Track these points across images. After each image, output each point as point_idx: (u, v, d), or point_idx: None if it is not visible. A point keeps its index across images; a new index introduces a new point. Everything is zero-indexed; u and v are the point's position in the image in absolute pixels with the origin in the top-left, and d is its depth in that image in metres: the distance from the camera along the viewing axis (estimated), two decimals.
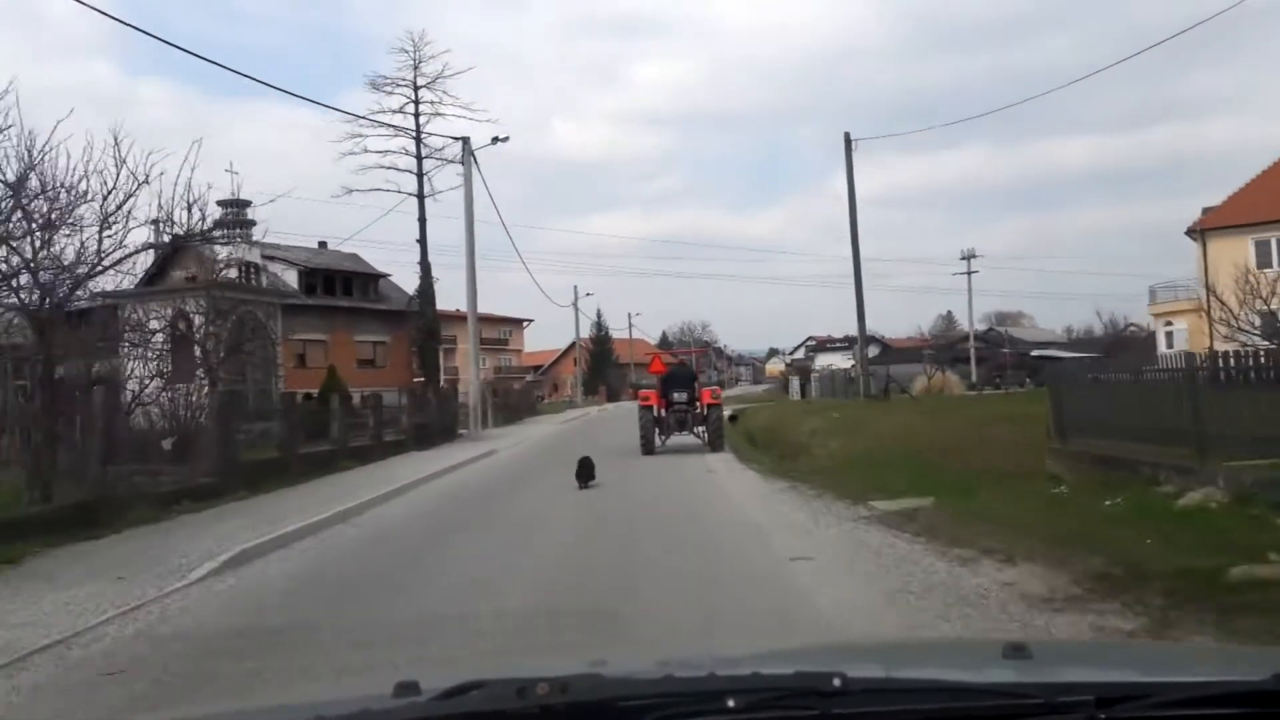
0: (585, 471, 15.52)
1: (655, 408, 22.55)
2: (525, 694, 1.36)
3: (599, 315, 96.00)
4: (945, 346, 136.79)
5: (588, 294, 67.17)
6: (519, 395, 42.99)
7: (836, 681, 1.39)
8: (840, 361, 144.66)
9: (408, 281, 47.43)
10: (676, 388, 22.80)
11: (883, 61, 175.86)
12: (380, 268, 48.15)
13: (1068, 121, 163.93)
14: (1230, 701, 1.44)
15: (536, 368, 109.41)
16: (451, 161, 44.88)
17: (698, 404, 22.89)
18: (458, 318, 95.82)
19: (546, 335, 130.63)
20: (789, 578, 7.70)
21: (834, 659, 2.04)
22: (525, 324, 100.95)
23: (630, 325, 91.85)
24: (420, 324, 45.59)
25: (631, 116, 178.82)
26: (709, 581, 7.62)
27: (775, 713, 1.40)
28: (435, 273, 46.03)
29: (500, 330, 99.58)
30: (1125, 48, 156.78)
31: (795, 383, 49.49)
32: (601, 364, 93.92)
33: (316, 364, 42.82)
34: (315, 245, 48.17)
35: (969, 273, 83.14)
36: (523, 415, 40.03)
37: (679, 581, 7.67)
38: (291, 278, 42.62)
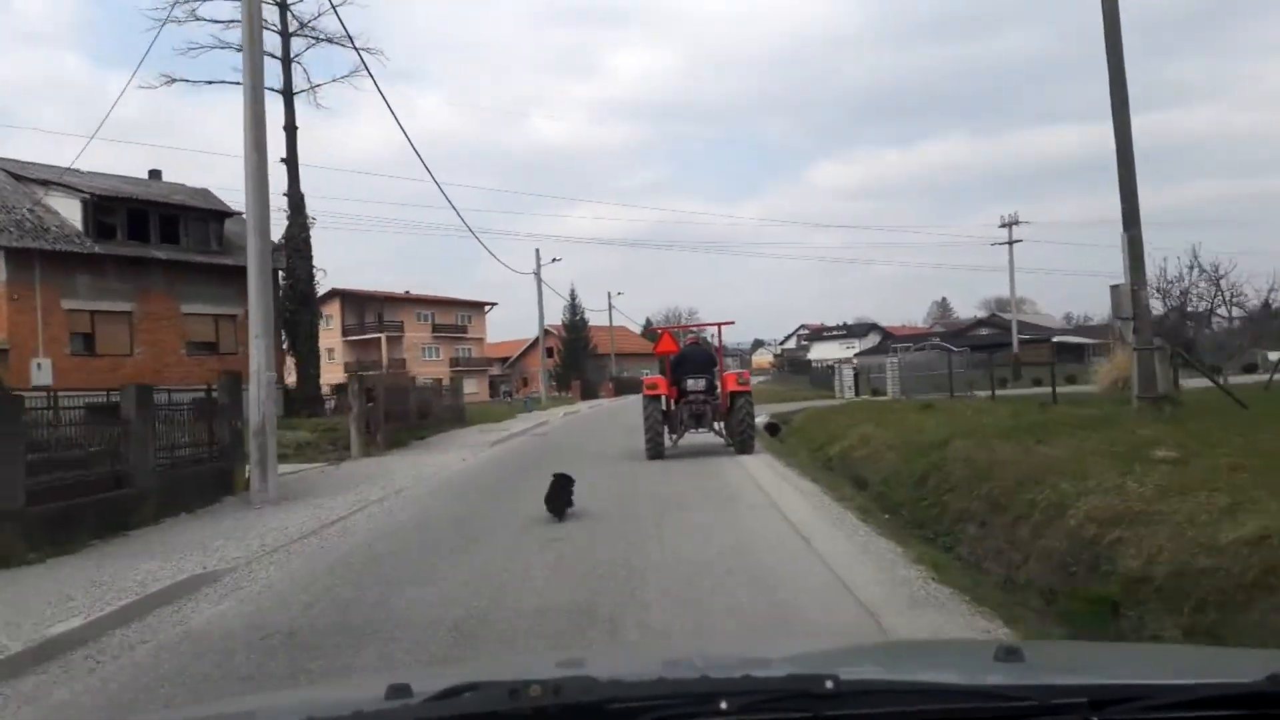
0: (559, 495, 9.91)
1: (664, 398, 16.72)
2: (518, 695, 1.33)
3: (573, 297, 79.64)
4: (955, 333, 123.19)
5: (554, 259, 50.87)
6: (427, 396, 26.32)
7: (829, 684, 1.36)
8: (838, 351, 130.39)
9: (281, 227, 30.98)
10: (692, 372, 16.70)
11: (859, 52, 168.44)
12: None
13: (1044, 112, 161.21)
14: (1224, 704, 1.40)
15: (504, 359, 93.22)
16: (334, 41, 28.82)
17: (718, 392, 16.85)
18: (405, 300, 79.43)
19: (517, 326, 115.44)
20: None
21: (827, 661, 2.03)
22: (487, 308, 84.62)
23: (610, 307, 75.57)
24: (289, 286, 29.39)
25: (608, 107, 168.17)
26: None
27: (768, 715, 1.36)
28: (344, 240, 29.80)
29: (458, 315, 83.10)
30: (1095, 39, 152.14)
31: (847, 374, 33.49)
32: (576, 354, 77.56)
33: (116, 349, 26.54)
34: (145, 176, 31.82)
35: (1010, 242, 67.74)
36: (434, 428, 23.85)
37: None
38: (75, 213, 26.27)
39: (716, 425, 17.10)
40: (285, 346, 29.26)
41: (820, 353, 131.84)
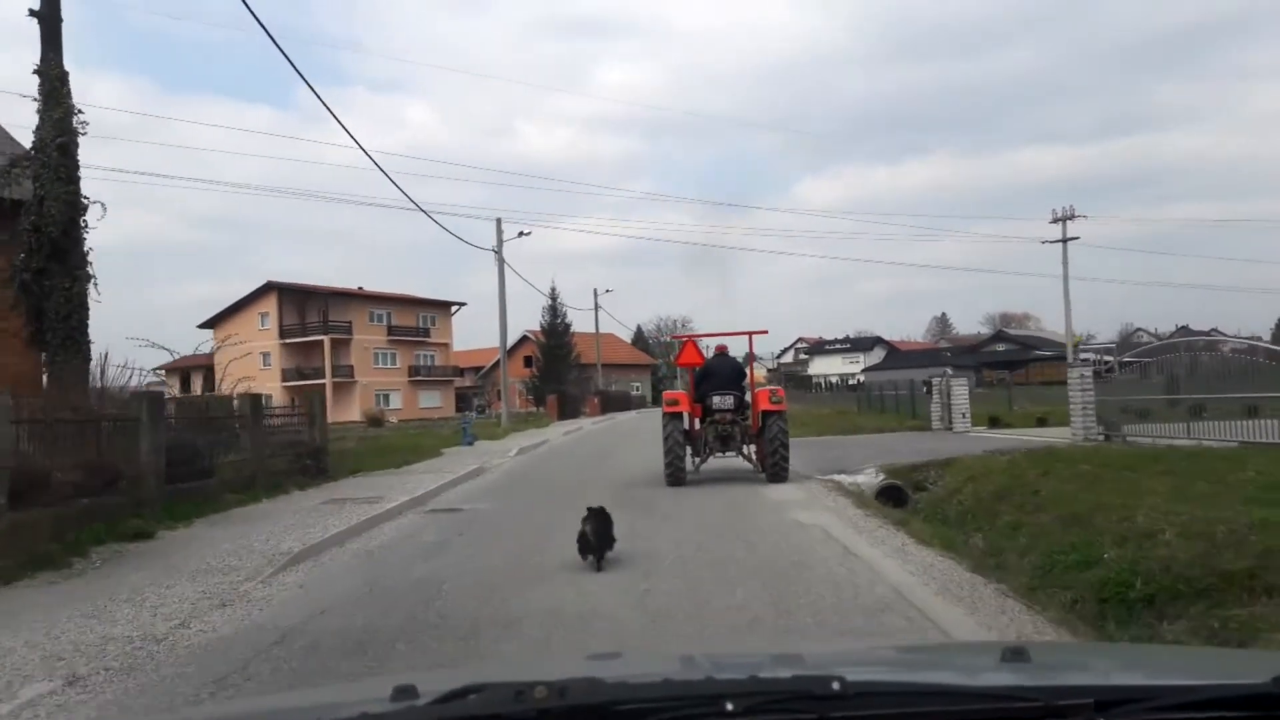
0: (596, 536, 7.44)
1: (687, 416, 14.04)
2: (523, 697, 1.30)
3: (554, 296, 67.12)
4: (967, 349, 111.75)
5: (522, 233, 38.57)
6: (188, 436, 11.54)
7: (835, 685, 1.33)
8: (841, 365, 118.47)
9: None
10: (718, 387, 14.26)
11: (847, 70, 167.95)
12: None
13: (1030, 132, 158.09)
14: (1229, 705, 1.36)
15: (476, 369, 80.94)
16: None
17: (748, 411, 14.21)
18: (355, 296, 66.87)
19: (494, 334, 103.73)
20: None
21: (834, 663, 1.99)
22: (454, 309, 71.98)
23: (596, 307, 63.20)
24: (33, 228, 16.98)
25: (596, 121, 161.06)
26: None
27: (773, 716, 1.32)
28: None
29: (419, 316, 70.33)
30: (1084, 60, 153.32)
31: (959, 392, 21.11)
32: (556, 364, 65.15)
33: None
34: None
35: (1064, 239, 56.01)
36: (227, 496, 11.10)
37: None
38: None
39: (745, 449, 14.45)
40: (28, 335, 16.91)
41: (821, 367, 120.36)
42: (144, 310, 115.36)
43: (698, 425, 14.29)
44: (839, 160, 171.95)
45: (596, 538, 7.41)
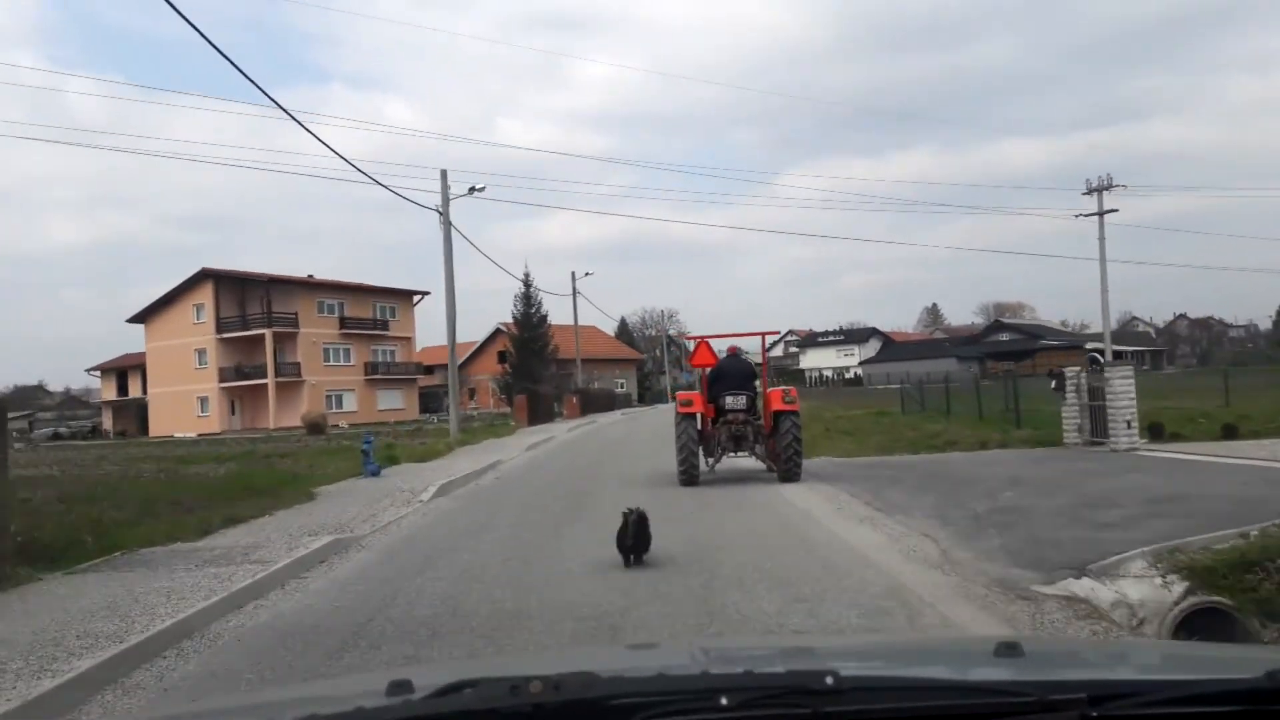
0: (633, 536, 7.46)
1: (699, 416, 14.39)
2: (518, 692, 1.28)
3: (528, 283, 59.51)
4: (967, 340, 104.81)
5: (475, 188, 31.02)
6: None
7: (829, 680, 1.32)
8: (835, 359, 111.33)
9: None
10: (730, 388, 14.34)
11: (826, 63, 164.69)
12: None
13: (1013, 124, 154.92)
14: (1223, 700, 1.35)
15: (446, 366, 73.50)
16: None
17: (760, 411, 14.37)
18: (302, 285, 58.35)
19: (466, 327, 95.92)
20: None
21: (827, 657, 1.99)
22: (417, 298, 64.21)
23: (574, 293, 55.70)
24: None
25: (577, 117, 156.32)
26: None
27: (768, 711, 1.31)
28: None
29: (376, 307, 62.50)
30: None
31: (1118, 381, 13.57)
32: (530, 359, 57.68)
33: None
34: None
35: (1101, 213, 48.95)
36: None
37: None
38: None
39: (758, 449, 14.39)
40: None
41: (814, 360, 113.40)
42: (120, 309, 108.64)
43: (711, 426, 14.24)
44: (822, 152, 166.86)
45: (634, 538, 7.38)
